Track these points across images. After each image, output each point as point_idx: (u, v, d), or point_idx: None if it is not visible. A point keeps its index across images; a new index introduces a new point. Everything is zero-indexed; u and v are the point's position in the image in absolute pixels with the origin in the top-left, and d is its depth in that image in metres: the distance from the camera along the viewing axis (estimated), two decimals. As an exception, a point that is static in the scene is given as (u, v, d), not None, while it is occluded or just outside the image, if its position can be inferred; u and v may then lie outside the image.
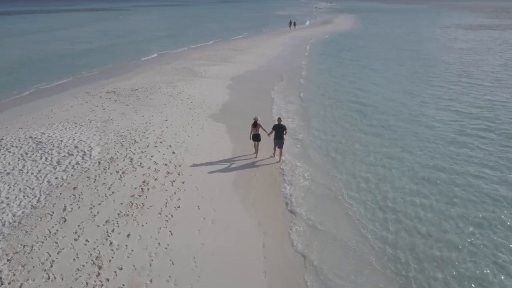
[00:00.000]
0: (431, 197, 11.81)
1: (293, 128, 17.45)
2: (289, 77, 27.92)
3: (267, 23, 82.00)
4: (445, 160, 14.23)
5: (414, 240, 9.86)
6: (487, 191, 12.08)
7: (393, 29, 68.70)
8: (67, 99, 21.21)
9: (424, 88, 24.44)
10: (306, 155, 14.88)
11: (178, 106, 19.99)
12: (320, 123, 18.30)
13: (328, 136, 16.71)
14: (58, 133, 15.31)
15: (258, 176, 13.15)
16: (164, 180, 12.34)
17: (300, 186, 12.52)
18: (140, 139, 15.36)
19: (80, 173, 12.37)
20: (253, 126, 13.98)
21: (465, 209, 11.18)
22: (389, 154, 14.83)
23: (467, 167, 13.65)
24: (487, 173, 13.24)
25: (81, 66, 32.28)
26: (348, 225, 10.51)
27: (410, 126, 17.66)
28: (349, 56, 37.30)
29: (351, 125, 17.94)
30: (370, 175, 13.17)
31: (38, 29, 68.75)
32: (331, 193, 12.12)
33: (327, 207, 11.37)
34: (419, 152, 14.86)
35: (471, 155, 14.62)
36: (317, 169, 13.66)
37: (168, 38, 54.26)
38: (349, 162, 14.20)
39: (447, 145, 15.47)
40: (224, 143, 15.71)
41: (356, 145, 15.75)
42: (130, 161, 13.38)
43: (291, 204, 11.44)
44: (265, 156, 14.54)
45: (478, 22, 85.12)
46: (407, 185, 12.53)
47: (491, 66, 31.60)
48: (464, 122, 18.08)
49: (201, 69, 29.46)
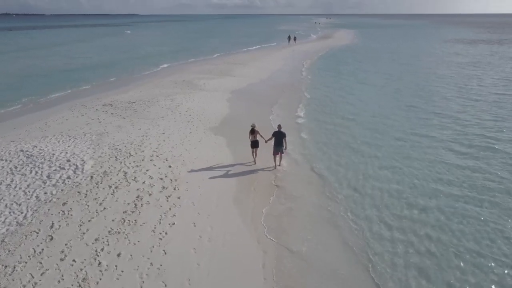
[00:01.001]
0: (430, 215, 11.21)
1: (294, 141, 16.95)
2: (290, 91, 27.43)
3: (267, 38, 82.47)
4: (446, 178, 13.64)
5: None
6: (489, 215, 11.35)
7: (393, 44, 68.98)
8: (63, 112, 20.75)
9: (423, 103, 23.64)
10: (307, 169, 14.31)
11: (176, 119, 19.50)
12: (321, 139, 17.62)
13: (330, 150, 16.17)
14: (51, 146, 14.77)
15: (258, 190, 12.55)
16: (159, 195, 11.73)
17: (300, 202, 11.92)
18: (135, 152, 14.82)
19: (70, 188, 11.78)
20: (251, 133, 14.10)
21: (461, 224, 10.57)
22: (389, 168, 14.29)
23: (469, 185, 12.97)
24: (490, 194, 12.56)
25: (80, 80, 31.98)
26: (350, 254, 9.79)
27: (408, 142, 16.90)
28: (349, 70, 36.97)
29: (352, 143, 17.39)
30: (375, 193, 12.57)
31: (40, 44, 69.16)
32: (331, 214, 11.49)
33: (326, 230, 10.70)
34: (419, 169, 14.24)
35: (474, 171, 13.90)
36: (318, 185, 13.08)
37: (168, 53, 54.30)
38: (352, 177, 13.63)
39: (449, 163, 14.73)
40: (223, 156, 15.15)
41: (357, 160, 15.20)
42: (124, 175, 12.80)
43: (292, 221, 10.82)
44: (265, 164, 14.42)
45: (477, 37, 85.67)
46: (407, 201, 11.94)
47: (491, 80, 31.06)
48: (466, 138, 17.37)
49: (200, 82, 29.11)
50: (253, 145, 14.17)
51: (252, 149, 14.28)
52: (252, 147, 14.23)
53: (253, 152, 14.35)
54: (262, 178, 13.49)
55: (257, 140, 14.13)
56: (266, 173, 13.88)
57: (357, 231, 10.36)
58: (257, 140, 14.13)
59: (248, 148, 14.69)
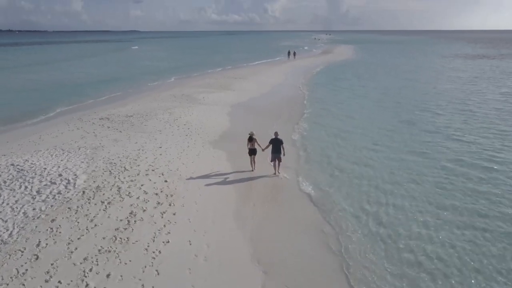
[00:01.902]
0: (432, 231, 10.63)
1: (293, 155, 16.48)
2: (291, 106, 26.81)
3: (267, 53, 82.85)
4: (447, 192, 13.10)
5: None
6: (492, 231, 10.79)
7: (392, 59, 69.14)
8: (58, 126, 20.32)
9: (423, 118, 22.88)
10: (305, 184, 13.76)
11: (174, 133, 19.06)
12: (320, 153, 16.97)
13: (330, 165, 15.62)
14: (43, 161, 14.28)
15: (257, 205, 11.98)
16: (154, 212, 11.17)
17: (300, 218, 11.35)
18: (130, 166, 14.31)
19: (61, 204, 11.23)
20: (249, 140, 14.25)
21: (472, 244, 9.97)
22: (391, 184, 13.76)
23: (472, 203, 12.32)
24: (493, 209, 11.93)
25: (78, 94, 31.48)
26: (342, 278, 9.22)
27: (407, 157, 16.21)
28: (349, 85, 36.54)
29: (354, 156, 16.88)
30: (376, 211, 12.02)
31: (42, 60, 69.09)
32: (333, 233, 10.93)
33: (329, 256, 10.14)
34: (420, 186, 13.66)
35: (476, 189, 13.11)
36: (318, 202, 12.53)
37: (168, 67, 54.35)
38: (351, 193, 13.10)
39: (450, 179, 14.12)
40: (221, 170, 14.63)
41: (359, 174, 14.67)
42: (117, 190, 12.27)
43: (294, 241, 10.24)
44: (262, 172, 14.40)
45: (476, 52, 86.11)
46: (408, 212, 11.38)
47: (492, 95, 30.36)
48: (469, 153, 16.58)
49: (200, 96, 28.80)
50: (251, 152, 14.35)
51: (250, 156, 14.43)
52: (250, 155, 14.40)
53: (251, 160, 14.47)
54: (261, 190, 13.02)
55: (255, 148, 14.31)
56: (265, 184, 13.52)
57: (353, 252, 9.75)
58: (255, 148, 14.30)
59: (247, 156, 14.65)
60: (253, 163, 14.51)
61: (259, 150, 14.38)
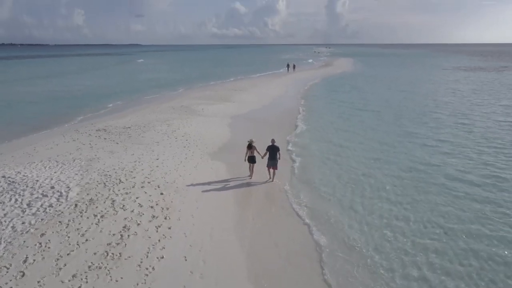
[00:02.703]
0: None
1: (292, 166, 16.09)
2: (292, 117, 26.41)
3: (267, 66, 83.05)
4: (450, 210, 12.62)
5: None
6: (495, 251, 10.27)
7: (392, 71, 69.11)
8: (54, 137, 19.94)
9: (423, 131, 22.29)
10: (304, 195, 13.33)
11: (172, 144, 18.69)
12: (321, 165, 16.60)
13: (328, 177, 15.21)
14: (36, 173, 13.86)
15: (257, 219, 11.53)
16: (148, 225, 10.72)
17: (300, 233, 10.89)
18: (126, 178, 13.89)
19: (51, 217, 10.77)
20: (248, 148, 14.29)
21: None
22: (389, 199, 13.31)
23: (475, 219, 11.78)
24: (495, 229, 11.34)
25: (76, 107, 31.06)
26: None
27: (406, 172, 15.52)
28: (349, 97, 36.17)
29: (354, 169, 16.46)
30: (371, 229, 11.57)
31: (43, 73, 69.25)
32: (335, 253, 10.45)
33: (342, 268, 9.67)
34: (421, 204, 13.21)
35: (482, 209, 12.40)
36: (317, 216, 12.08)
37: (168, 80, 54.36)
38: (349, 208, 12.65)
39: (447, 192, 13.72)
40: (219, 182, 14.22)
41: (357, 188, 14.24)
42: (111, 203, 11.82)
43: (295, 256, 9.76)
44: (260, 180, 14.46)
45: (475, 64, 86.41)
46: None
47: (493, 107, 29.89)
48: (472, 168, 15.84)
49: (199, 107, 28.53)
50: (250, 160, 14.40)
51: (249, 164, 14.49)
52: (249, 162, 14.45)
53: (249, 167, 14.54)
54: (259, 201, 12.65)
55: (254, 156, 14.37)
56: (263, 194, 13.27)
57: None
58: (254, 155, 14.36)
59: (246, 164, 14.71)
60: (251, 171, 14.59)
61: (258, 158, 14.47)
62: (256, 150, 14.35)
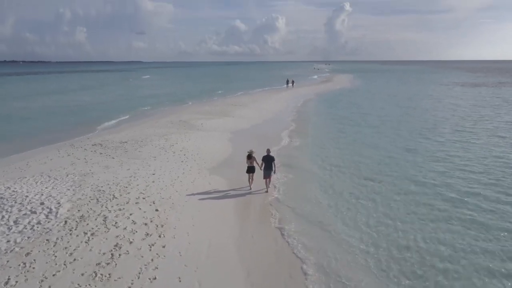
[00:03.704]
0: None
1: (292, 181, 15.56)
2: (293, 133, 25.92)
3: (267, 82, 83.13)
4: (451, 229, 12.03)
5: None
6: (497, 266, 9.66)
7: (391, 87, 68.99)
8: (48, 152, 19.43)
9: (423, 146, 21.53)
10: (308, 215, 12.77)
11: (169, 159, 18.19)
12: (320, 181, 16.01)
13: (327, 194, 14.66)
14: (26, 188, 13.32)
15: (256, 238, 10.93)
16: (141, 244, 10.12)
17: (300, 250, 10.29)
18: (120, 194, 13.34)
19: (39, 235, 10.19)
20: (248, 158, 14.51)
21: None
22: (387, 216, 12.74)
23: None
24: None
25: (73, 123, 30.60)
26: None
27: (408, 188, 14.85)
28: (349, 112, 35.65)
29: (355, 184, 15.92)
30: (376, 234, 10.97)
31: (47, 90, 69.04)
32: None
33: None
34: (421, 223, 12.66)
35: (486, 224, 11.82)
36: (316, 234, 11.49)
37: (167, 95, 54.18)
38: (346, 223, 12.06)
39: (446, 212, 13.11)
40: (217, 198, 13.67)
41: (361, 204, 13.68)
42: (103, 220, 11.25)
43: (296, 274, 9.15)
44: (259, 191, 14.47)
45: (475, 80, 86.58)
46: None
47: (496, 123, 29.15)
48: (476, 185, 15.17)
49: (198, 122, 28.13)
50: (249, 170, 14.54)
51: (248, 174, 14.61)
52: (248, 172, 14.59)
53: (249, 177, 14.65)
54: (260, 217, 12.07)
55: (253, 166, 14.55)
56: (263, 209, 12.78)
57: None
58: (253, 166, 14.55)
59: (245, 175, 14.80)
60: (251, 180, 14.70)
61: (257, 168, 14.61)
62: (255, 161, 14.58)
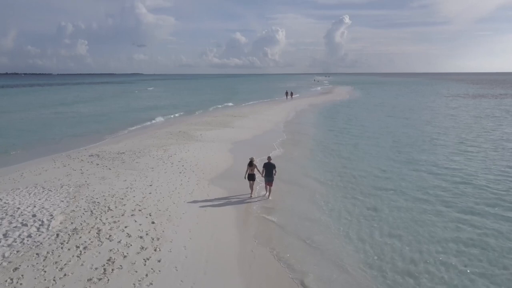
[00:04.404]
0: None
1: (295, 192, 15.14)
2: (293, 144, 25.53)
3: (267, 94, 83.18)
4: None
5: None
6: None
7: (391, 98, 68.68)
8: (44, 163, 19.04)
9: (426, 159, 20.92)
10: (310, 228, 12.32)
11: (167, 170, 17.79)
12: (320, 194, 15.64)
13: (326, 206, 14.25)
14: (18, 200, 12.91)
15: (256, 252, 10.46)
16: (136, 258, 9.67)
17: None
18: (115, 206, 12.93)
19: (29, 249, 9.75)
20: (249, 165, 14.57)
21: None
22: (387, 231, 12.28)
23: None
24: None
25: (71, 134, 30.19)
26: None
27: (409, 204, 14.27)
28: (349, 124, 35.20)
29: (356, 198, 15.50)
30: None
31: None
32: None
33: None
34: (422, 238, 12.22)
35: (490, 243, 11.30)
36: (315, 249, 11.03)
37: (167, 106, 54.07)
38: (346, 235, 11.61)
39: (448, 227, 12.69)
40: (215, 210, 13.22)
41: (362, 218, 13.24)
42: (97, 233, 10.81)
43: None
44: (259, 199, 14.48)
45: (476, 92, 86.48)
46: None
47: (499, 134, 28.66)
48: (479, 199, 14.57)
49: (197, 133, 27.81)
50: (250, 178, 14.62)
51: (249, 181, 14.69)
52: (249, 180, 14.66)
53: (250, 184, 14.74)
54: (261, 230, 11.60)
55: (254, 174, 14.63)
56: (261, 217, 12.33)
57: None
58: (254, 173, 14.63)
59: (246, 184, 14.89)
60: (252, 188, 14.78)
61: (258, 175, 14.79)
62: (256, 168, 14.66)
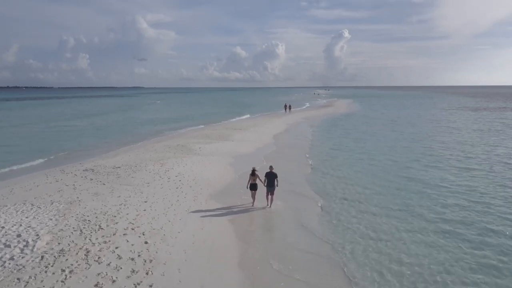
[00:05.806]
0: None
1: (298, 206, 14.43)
2: (294, 157, 24.83)
3: (267, 107, 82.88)
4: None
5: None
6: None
7: (392, 112, 67.88)
8: (36, 178, 18.36)
9: (427, 174, 20.09)
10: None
11: (164, 185, 17.10)
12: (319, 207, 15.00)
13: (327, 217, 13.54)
14: (4, 218, 12.19)
15: (256, 276, 9.70)
16: (125, 283, 8.92)
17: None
18: (107, 224, 12.21)
19: (9, 273, 9.00)
20: (251, 175, 14.77)
21: None
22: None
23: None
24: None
25: (67, 148, 29.43)
26: None
27: (410, 220, 13.63)
28: (350, 137, 34.59)
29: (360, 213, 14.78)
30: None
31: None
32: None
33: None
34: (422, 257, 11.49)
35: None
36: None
37: (167, 120, 53.68)
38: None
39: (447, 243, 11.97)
40: (213, 228, 12.49)
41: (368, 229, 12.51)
42: (85, 255, 10.07)
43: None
44: (260, 210, 14.44)
45: (476, 104, 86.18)
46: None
47: (501, 149, 27.65)
48: (482, 216, 13.96)
49: (196, 146, 27.18)
50: (252, 187, 14.76)
51: (251, 191, 14.83)
52: (251, 189, 14.80)
53: (252, 194, 14.87)
54: (262, 252, 10.79)
55: (256, 183, 14.75)
56: (262, 233, 11.24)
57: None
58: (256, 183, 14.75)
59: (247, 193, 15.18)
60: (253, 198, 14.88)
61: (260, 185, 14.83)
62: (258, 178, 14.76)
